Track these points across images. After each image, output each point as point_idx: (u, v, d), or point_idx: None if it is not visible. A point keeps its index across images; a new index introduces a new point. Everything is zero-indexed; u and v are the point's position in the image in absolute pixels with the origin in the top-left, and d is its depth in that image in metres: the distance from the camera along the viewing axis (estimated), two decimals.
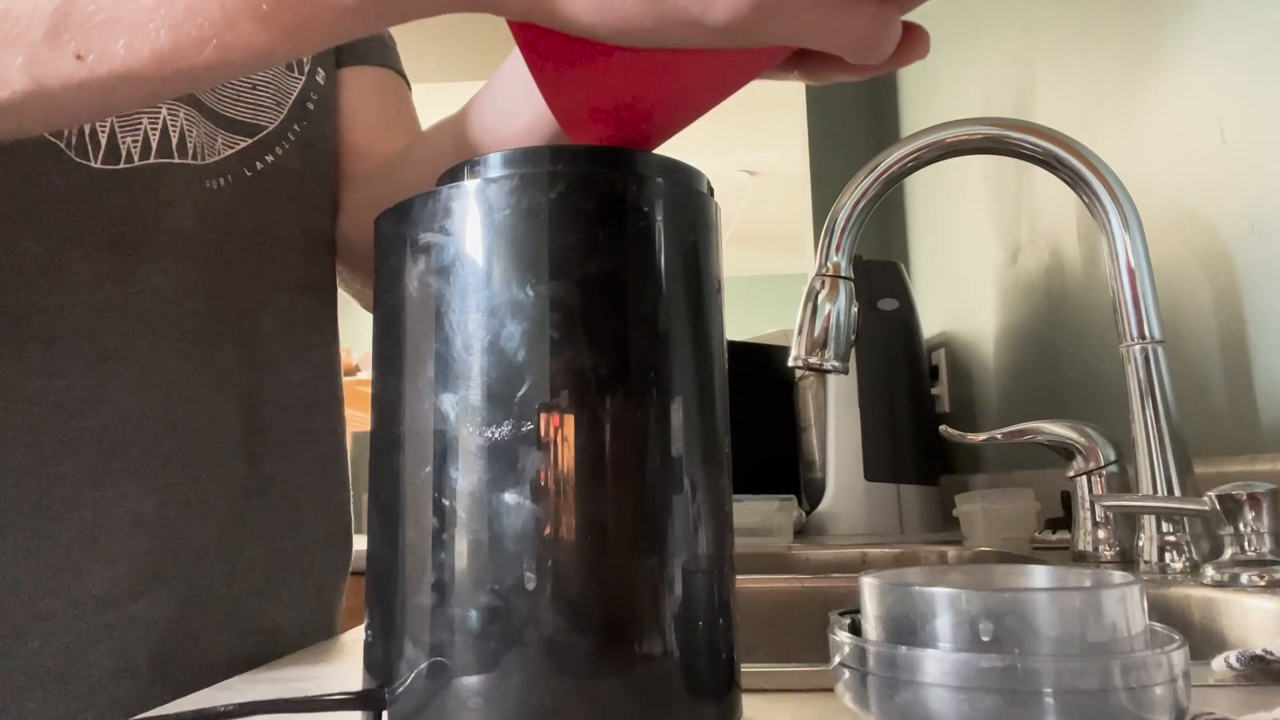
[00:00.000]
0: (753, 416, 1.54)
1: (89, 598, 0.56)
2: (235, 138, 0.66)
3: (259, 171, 0.67)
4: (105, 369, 0.58)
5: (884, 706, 0.29)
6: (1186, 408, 0.74)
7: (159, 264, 0.60)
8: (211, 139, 0.64)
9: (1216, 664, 0.39)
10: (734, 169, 4.86)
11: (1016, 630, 0.28)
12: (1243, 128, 0.81)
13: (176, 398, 0.60)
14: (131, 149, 0.59)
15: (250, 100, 0.67)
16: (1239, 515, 0.61)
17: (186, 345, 0.61)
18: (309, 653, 0.55)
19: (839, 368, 0.80)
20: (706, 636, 0.31)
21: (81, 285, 0.57)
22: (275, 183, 0.68)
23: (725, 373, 0.34)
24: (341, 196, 0.74)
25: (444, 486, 0.31)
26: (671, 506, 0.31)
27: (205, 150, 0.63)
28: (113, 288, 0.58)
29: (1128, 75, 1.01)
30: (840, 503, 1.35)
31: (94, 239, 0.58)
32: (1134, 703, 0.26)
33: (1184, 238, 0.90)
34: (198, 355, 0.62)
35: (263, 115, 0.68)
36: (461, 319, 0.31)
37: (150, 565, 0.58)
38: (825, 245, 0.81)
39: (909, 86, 1.98)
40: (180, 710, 0.31)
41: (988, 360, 1.48)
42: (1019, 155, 0.78)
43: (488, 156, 0.33)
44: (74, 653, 0.55)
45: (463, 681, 0.29)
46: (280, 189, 0.68)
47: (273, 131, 0.68)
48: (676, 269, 0.32)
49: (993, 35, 1.44)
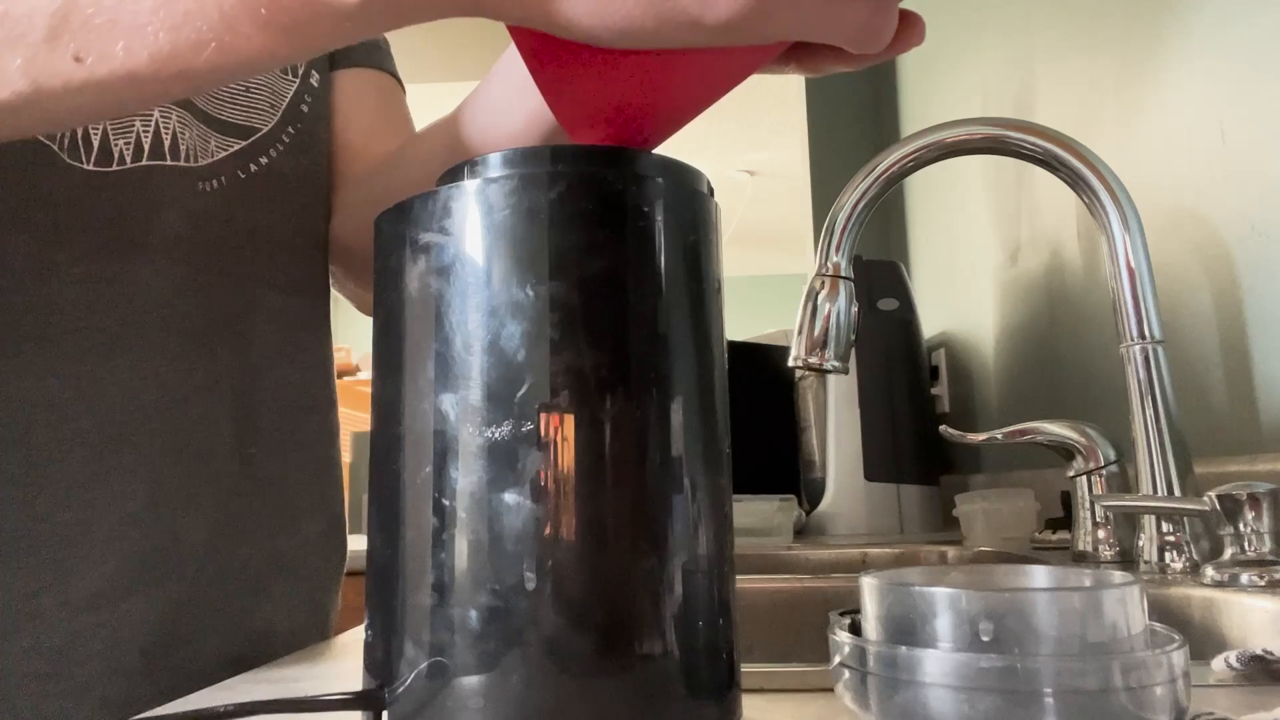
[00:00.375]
0: (753, 416, 1.54)
1: (80, 597, 0.56)
2: (228, 140, 0.66)
3: (253, 174, 0.67)
4: (97, 369, 0.58)
5: (884, 706, 0.29)
6: (1186, 408, 0.74)
7: (152, 265, 0.60)
8: (204, 141, 0.64)
9: (1216, 664, 0.39)
10: (734, 169, 4.86)
11: (1016, 630, 0.28)
12: (1243, 128, 0.81)
13: (169, 398, 0.60)
14: (124, 151, 0.59)
15: (244, 103, 0.67)
16: (1239, 515, 0.61)
17: (179, 346, 0.61)
18: (308, 653, 0.55)
19: (839, 368, 0.80)
20: (706, 636, 0.31)
21: (74, 286, 0.57)
22: (269, 184, 0.68)
23: (725, 373, 0.34)
24: (335, 198, 0.74)
25: (444, 486, 0.31)
26: (671, 506, 0.31)
27: (198, 152, 0.63)
28: (105, 288, 0.58)
29: (1128, 75, 1.01)
30: (840, 503, 1.35)
31: (86, 240, 0.58)
32: (1134, 703, 0.26)
33: (1184, 238, 0.90)
34: (190, 356, 0.62)
35: (256, 117, 0.68)
36: (461, 319, 0.31)
37: (141, 565, 0.58)
38: (825, 245, 0.81)
39: (909, 87, 1.98)
40: (180, 710, 0.31)
41: (988, 360, 1.48)
42: (1019, 155, 0.78)
43: (488, 156, 0.33)
44: (65, 652, 0.55)
45: (463, 681, 0.29)
46: (274, 191, 0.68)
47: (267, 134, 0.68)
48: (676, 269, 0.32)
49: (993, 35, 1.44)
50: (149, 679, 0.58)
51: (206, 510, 0.62)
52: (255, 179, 0.67)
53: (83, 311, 0.58)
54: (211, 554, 0.62)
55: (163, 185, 0.61)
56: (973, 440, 0.89)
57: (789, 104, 2.37)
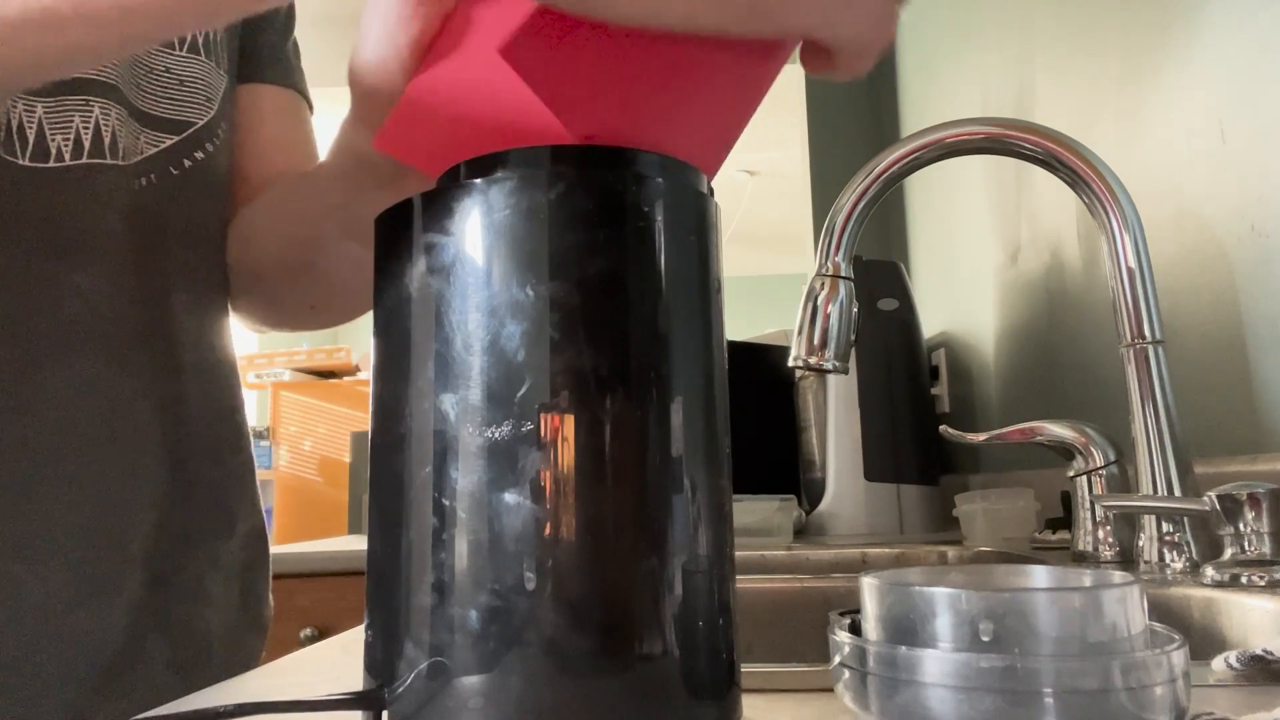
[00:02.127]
0: (753, 416, 1.54)
1: (28, 609, 0.55)
2: (159, 135, 0.64)
3: (186, 169, 0.65)
4: (38, 375, 0.56)
5: (884, 706, 0.29)
6: (1186, 408, 0.74)
7: (89, 267, 0.58)
8: (135, 138, 0.62)
9: (1216, 664, 0.39)
10: (734, 169, 4.86)
11: (1016, 630, 0.28)
12: (1243, 128, 0.81)
13: (107, 404, 0.59)
14: (62, 147, 0.57)
15: (177, 96, 0.65)
16: (1239, 515, 0.61)
17: (115, 350, 0.60)
18: (308, 653, 0.55)
19: (839, 368, 0.80)
20: (706, 636, 0.31)
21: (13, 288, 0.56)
22: (205, 180, 0.66)
23: (725, 373, 0.34)
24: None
25: (444, 486, 0.31)
26: (671, 506, 0.31)
27: (129, 150, 0.62)
28: (42, 291, 0.57)
29: (1128, 75, 1.01)
30: (840, 503, 1.35)
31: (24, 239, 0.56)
32: (1134, 703, 0.26)
33: (1184, 238, 0.90)
34: (126, 359, 0.60)
35: (190, 111, 0.66)
36: (461, 319, 0.31)
37: (90, 575, 0.57)
38: (825, 245, 0.81)
39: (909, 87, 1.98)
40: (180, 710, 0.31)
41: (988, 360, 1.48)
42: (1019, 155, 0.78)
43: (488, 156, 0.33)
44: (17, 662, 0.54)
45: (463, 681, 0.29)
46: (210, 187, 0.67)
47: (202, 128, 0.66)
48: (676, 269, 0.32)
49: (993, 35, 1.44)
50: (99, 691, 0.57)
51: (147, 518, 0.61)
52: (190, 175, 0.65)
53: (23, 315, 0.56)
54: (155, 561, 0.61)
55: (103, 183, 0.59)
56: (973, 440, 0.89)
57: (789, 104, 2.37)
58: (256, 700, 0.32)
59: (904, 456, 1.36)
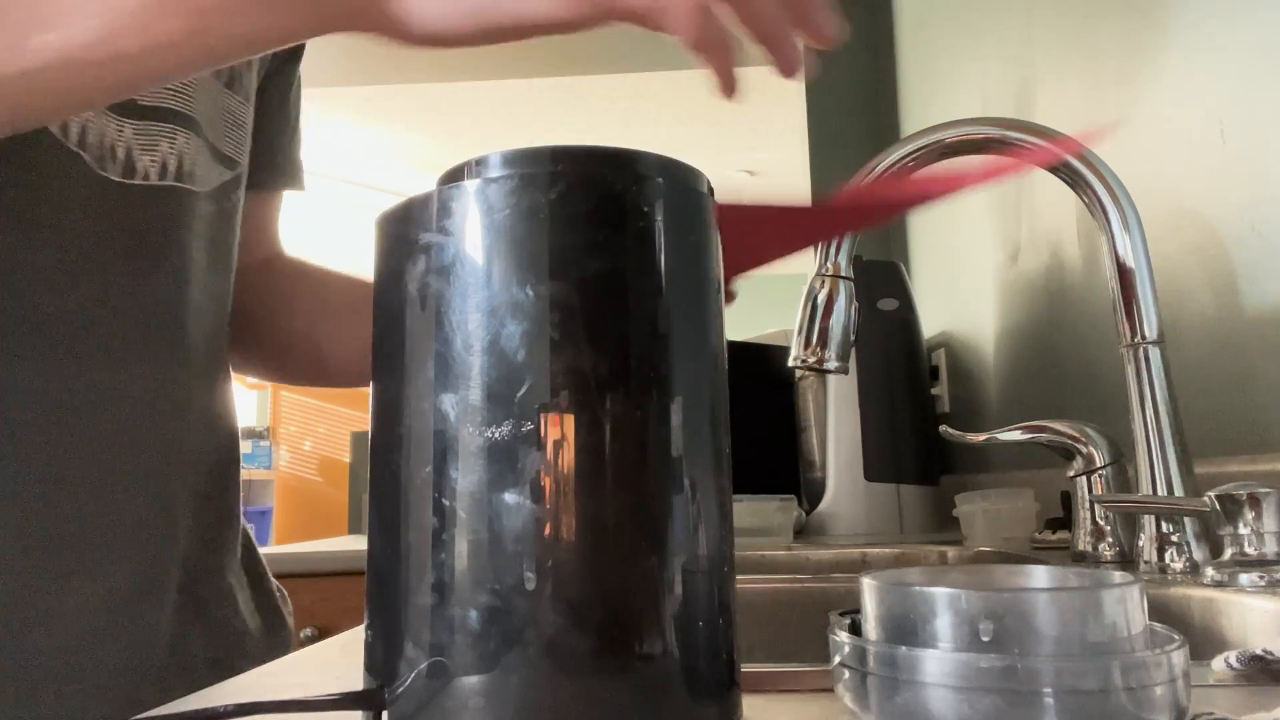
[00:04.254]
0: (753, 416, 1.54)
1: (97, 599, 0.57)
2: (223, 169, 0.68)
3: (234, 203, 0.69)
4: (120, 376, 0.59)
5: (884, 706, 0.29)
6: (1186, 408, 0.74)
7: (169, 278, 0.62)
8: (209, 170, 0.66)
9: (1216, 664, 0.39)
10: (734, 169, 4.86)
11: (1016, 630, 0.28)
12: (1243, 128, 0.81)
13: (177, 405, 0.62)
14: (149, 168, 0.61)
15: (233, 137, 0.69)
16: (1239, 515, 0.61)
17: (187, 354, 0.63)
18: (308, 653, 0.55)
19: (839, 368, 0.80)
20: (706, 636, 0.31)
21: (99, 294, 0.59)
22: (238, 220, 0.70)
23: (725, 373, 0.34)
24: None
25: (444, 486, 0.31)
26: (671, 506, 0.31)
27: (206, 179, 0.65)
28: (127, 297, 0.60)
29: (1128, 74, 1.01)
30: (840, 503, 1.35)
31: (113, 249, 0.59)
32: (1134, 703, 0.26)
33: (1184, 238, 0.90)
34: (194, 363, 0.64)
35: (239, 153, 0.70)
36: (461, 319, 0.31)
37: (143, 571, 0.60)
38: (825, 245, 0.81)
39: (909, 87, 1.98)
40: (180, 710, 0.31)
41: (988, 360, 1.48)
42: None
43: (488, 156, 0.33)
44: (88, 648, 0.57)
45: (463, 681, 0.29)
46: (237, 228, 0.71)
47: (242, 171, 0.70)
48: (676, 269, 0.32)
49: (993, 35, 1.44)
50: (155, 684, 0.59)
51: (189, 518, 0.64)
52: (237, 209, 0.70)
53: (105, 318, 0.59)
54: (191, 560, 0.64)
55: (184, 205, 0.63)
56: (973, 440, 0.89)
57: (789, 104, 2.37)
58: (256, 700, 0.32)
59: (904, 456, 1.36)
